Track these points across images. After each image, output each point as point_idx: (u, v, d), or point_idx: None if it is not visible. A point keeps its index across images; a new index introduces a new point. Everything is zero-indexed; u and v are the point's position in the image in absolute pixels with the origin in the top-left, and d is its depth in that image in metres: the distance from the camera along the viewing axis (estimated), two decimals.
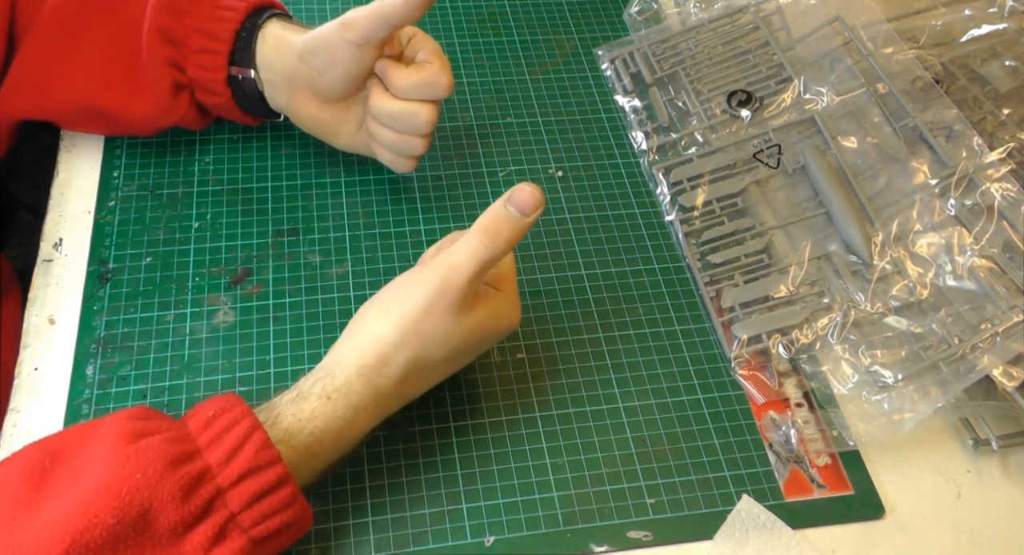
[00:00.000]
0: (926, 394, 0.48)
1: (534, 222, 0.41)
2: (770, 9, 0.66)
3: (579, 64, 0.67)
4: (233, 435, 0.37)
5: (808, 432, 0.49)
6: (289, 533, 0.38)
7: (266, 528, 0.36)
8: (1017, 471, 0.50)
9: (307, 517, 0.39)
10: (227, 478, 0.36)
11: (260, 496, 0.36)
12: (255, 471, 0.36)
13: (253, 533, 0.36)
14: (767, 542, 0.45)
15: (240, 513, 0.36)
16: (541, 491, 0.46)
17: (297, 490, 0.37)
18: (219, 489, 0.36)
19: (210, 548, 0.35)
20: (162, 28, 0.50)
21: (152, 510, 0.34)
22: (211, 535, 0.35)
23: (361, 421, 0.41)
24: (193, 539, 0.35)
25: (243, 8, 0.51)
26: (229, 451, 0.36)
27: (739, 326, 0.52)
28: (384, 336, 0.40)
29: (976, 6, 0.62)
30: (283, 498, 0.37)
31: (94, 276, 0.51)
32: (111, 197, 0.55)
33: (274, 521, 0.37)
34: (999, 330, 0.48)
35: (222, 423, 0.37)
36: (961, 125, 0.55)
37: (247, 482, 0.36)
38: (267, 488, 0.36)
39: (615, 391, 0.50)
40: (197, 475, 0.35)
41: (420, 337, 0.40)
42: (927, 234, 0.53)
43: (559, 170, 0.60)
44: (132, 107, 0.52)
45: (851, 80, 0.60)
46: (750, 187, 0.58)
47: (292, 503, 0.37)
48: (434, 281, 0.40)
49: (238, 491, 0.36)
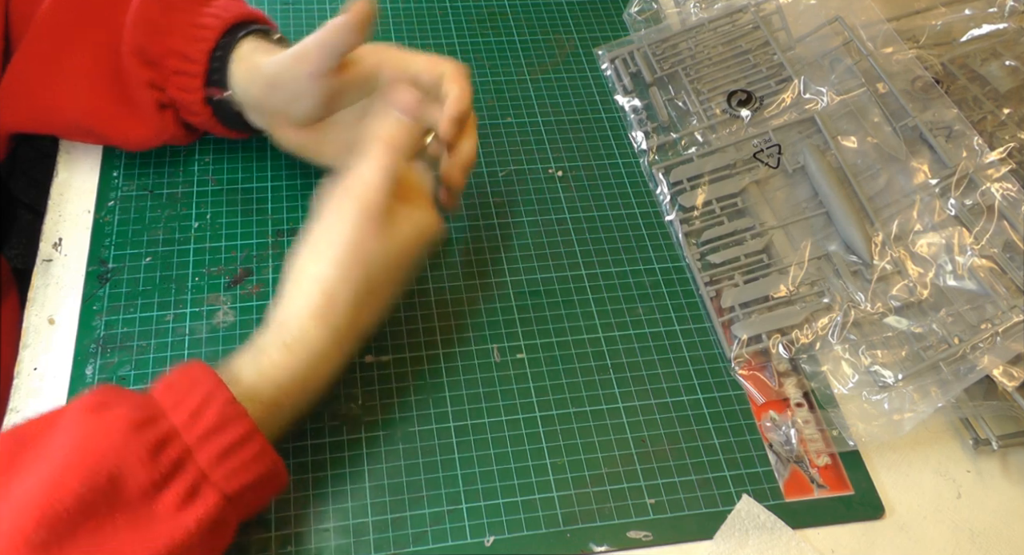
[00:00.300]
0: (926, 394, 0.48)
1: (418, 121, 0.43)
2: (770, 9, 0.66)
3: (579, 64, 0.67)
4: (197, 395, 0.37)
5: (808, 432, 0.49)
6: (264, 488, 0.38)
7: (238, 483, 0.37)
8: (1017, 471, 0.50)
9: (280, 471, 0.39)
10: (193, 436, 0.36)
11: (228, 451, 0.36)
12: (221, 427, 0.36)
13: (225, 489, 0.36)
14: (767, 542, 0.45)
15: (210, 470, 0.36)
16: (541, 491, 0.46)
17: (267, 443, 0.37)
18: (187, 448, 0.36)
19: (183, 507, 0.35)
20: (140, 49, 0.49)
21: (121, 474, 0.34)
22: (182, 493, 0.35)
23: (324, 366, 0.41)
24: (165, 499, 0.35)
25: (218, 27, 0.49)
26: (194, 410, 0.36)
27: (739, 326, 0.52)
28: (325, 274, 0.40)
29: (976, 6, 0.62)
30: (252, 452, 0.37)
31: (94, 276, 0.51)
32: (111, 197, 0.55)
33: (245, 475, 0.37)
34: (999, 330, 0.48)
35: (184, 385, 0.37)
36: (961, 125, 0.55)
37: (214, 439, 0.36)
38: (235, 443, 0.36)
39: (615, 391, 0.50)
40: (163, 436, 0.35)
41: (361, 264, 0.40)
42: (927, 234, 0.53)
43: (559, 170, 0.60)
44: (120, 127, 0.52)
45: (851, 80, 0.60)
46: (750, 187, 0.58)
47: (262, 456, 0.37)
48: (354, 206, 0.41)
49: (206, 448, 0.36)
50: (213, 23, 0.49)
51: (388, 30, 0.67)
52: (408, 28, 0.68)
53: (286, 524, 0.43)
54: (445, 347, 0.50)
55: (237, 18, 0.50)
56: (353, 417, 0.47)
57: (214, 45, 0.49)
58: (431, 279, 0.53)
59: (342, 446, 0.46)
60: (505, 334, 0.51)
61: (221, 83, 0.50)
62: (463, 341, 0.51)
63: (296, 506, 0.44)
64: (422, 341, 0.51)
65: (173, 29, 0.49)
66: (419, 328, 0.51)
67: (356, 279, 0.40)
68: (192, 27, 0.49)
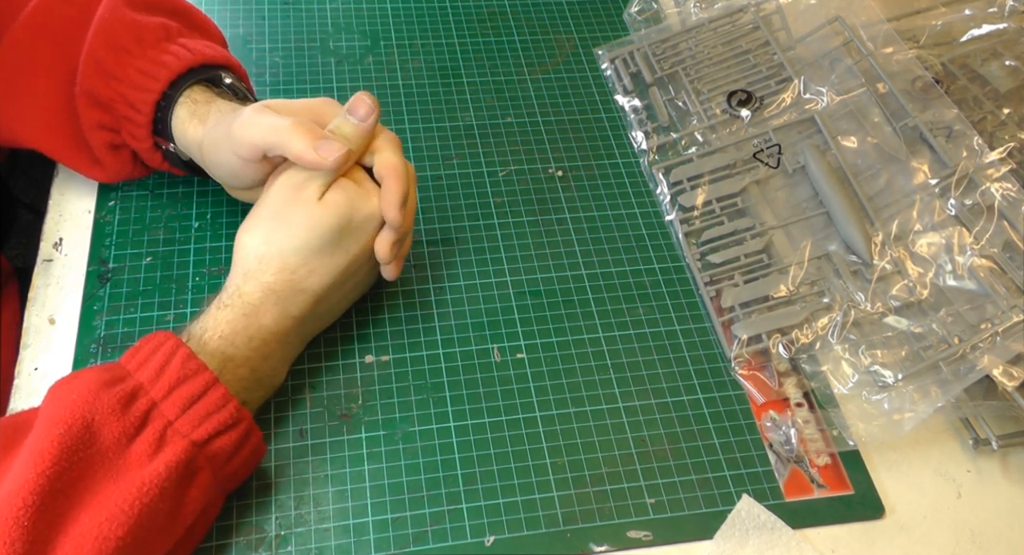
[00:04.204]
0: (926, 394, 0.48)
1: (372, 126, 0.45)
2: (770, 9, 0.66)
3: (579, 64, 0.67)
4: (159, 355, 0.40)
5: (808, 432, 0.49)
6: (231, 437, 0.40)
7: (204, 431, 0.39)
8: (1017, 471, 0.50)
9: (248, 425, 0.41)
10: (159, 391, 0.39)
11: (192, 401, 0.39)
12: (183, 380, 0.39)
13: (193, 436, 0.38)
14: (767, 542, 0.45)
15: (176, 420, 0.38)
16: (541, 491, 0.46)
17: (227, 392, 0.40)
18: (153, 401, 0.38)
19: (154, 454, 0.37)
20: (90, 91, 0.48)
21: (95, 423, 0.37)
22: (152, 442, 0.38)
23: (265, 319, 0.43)
24: (136, 448, 0.37)
25: (165, 78, 0.48)
26: (157, 369, 0.39)
27: (739, 326, 0.52)
28: (254, 241, 0.44)
29: (976, 6, 0.62)
30: (215, 400, 0.39)
31: (94, 276, 0.51)
32: (111, 197, 0.55)
33: (211, 423, 0.39)
34: (999, 330, 0.48)
35: (148, 349, 0.40)
36: (961, 125, 0.55)
37: (178, 391, 0.39)
38: (197, 393, 0.39)
39: (615, 391, 0.50)
40: (131, 392, 0.38)
41: (284, 225, 0.43)
42: (927, 234, 0.53)
43: (559, 170, 0.60)
44: (78, 164, 0.52)
45: (851, 80, 0.60)
46: (750, 187, 0.58)
47: (225, 404, 0.39)
48: (279, 178, 0.45)
49: (171, 400, 0.39)
50: (160, 73, 0.48)
51: (388, 30, 0.67)
52: (408, 28, 0.68)
53: (286, 524, 0.43)
54: (445, 347, 0.50)
55: (189, 65, 0.48)
56: (353, 417, 0.47)
57: (159, 96, 0.48)
58: (431, 279, 0.53)
59: (342, 446, 0.46)
60: (505, 334, 0.51)
61: (166, 134, 0.49)
62: (463, 341, 0.51)
63: (296, 506, 0.44)
64: (422, 341, 0.51)
65: (122, 74, 0.48)
66: (419, 328, 0.51)
67: (280, 239, 0.43)
68: (139, 75, 0.48)
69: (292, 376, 0.48)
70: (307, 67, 0.64)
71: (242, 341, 0.42)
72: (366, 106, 0.44)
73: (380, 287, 0.52)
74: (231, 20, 0.66)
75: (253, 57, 0.63)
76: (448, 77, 0.65)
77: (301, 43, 0.65)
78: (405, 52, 0.66)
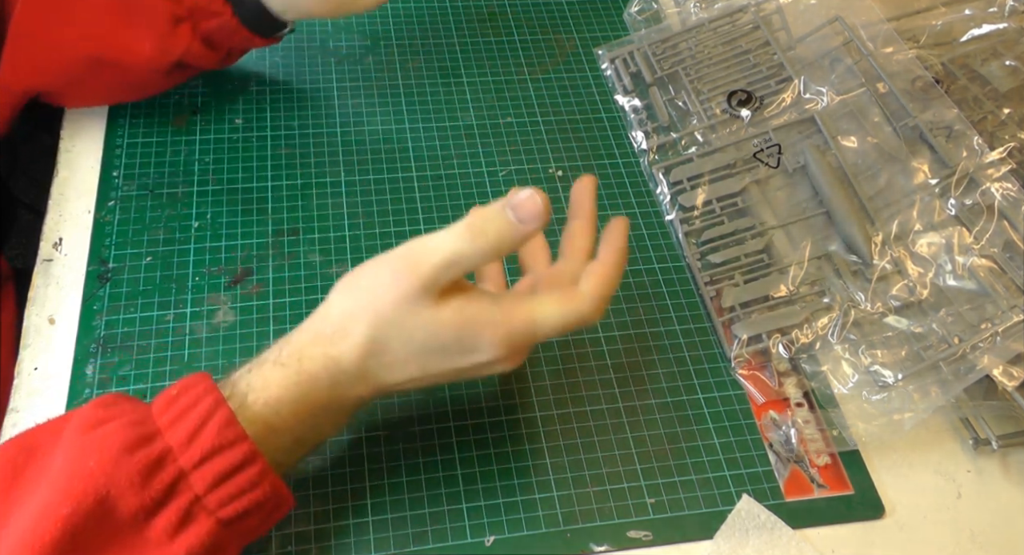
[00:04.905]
0: (926, 394, 0.48)
1: (532, 233, 0.36)
2: (770, 9, 0.66)
3: (579, 64, 0.67)
4: (196, 413, 0.35)
5: (808, 432, 0.49)
6: (262, 513, 0.36)
7: (234, 509, 0.35)
8: (1017, 471, 0.50)
9: (282, 496, 0.37)
10: (189, 459, 0.34)
11: (226, 476, 0.34)
12: (219, 450, 0.34)
13: (221, 515, 0.34)
14: (767, 542, 0.45)
15: (205, 495, 0.34)
16: (541, 491, 0.46)
17: (267, 467, 0.35)
18: (182, 471, 0.34)
19: (175, 533, 0.33)
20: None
21: (110, 497, 0.33)
22: (176, 520, 0.33)
23: (316, 392, 0.37)
24: (157, 525, 0.33)
25: None
26: (192, 431, 0.34)
27: (739, 326, 0.52)
28: (343, 307, 0.38)
29: (976, 6, 0.62)
30: (251, 477, 0.35)
31: (94, 276, 0.51)
32: (111, 197, 0.55)
33: (243, 501, 0.35)
34: (999, 330, 0.48)
35: (185, 402, 0.35)
36: (961, 125, 0.55)
37: (211, 462, 0.34)
38: (233, 467, 0.34)
39: (615, 391, 0.50)
40: (157, 458, 0.34)
41: (378, 314, 0.37)
42: (927, 234, 0.53)
43: (559, 170, 0.60)
44: (135, 48, 0.51)
45: (851, 80, 0.60)
46: (750, 187, 0.58)
47: (260, 481, 0.35)
48: (400, 260, 0.37)
49: (202, 472, 0.34)
50: None
51: (388, 30, 0.67)
52: (408, 28, 0.68)
53: (286, 524, 0.43)
54: None
55: None
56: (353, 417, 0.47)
57: None
58: None
59: (343, 446, 0.46)
60: None
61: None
62: None
63: (296, 506, 0.44)
64: None
65: None
66: None
67: (370, 324, 0.37)
68: None
69: None
70: (307, 67, 0.64)
71: (288, 412, 0.37)
72: (533, 206, 0.36)
73: None
74: None
75: (253, 57, 0.63)
76: (448, 77, 0.65)
77: (301, 43, 0.65)
78: (405, 52, 0.66)
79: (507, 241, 0.37)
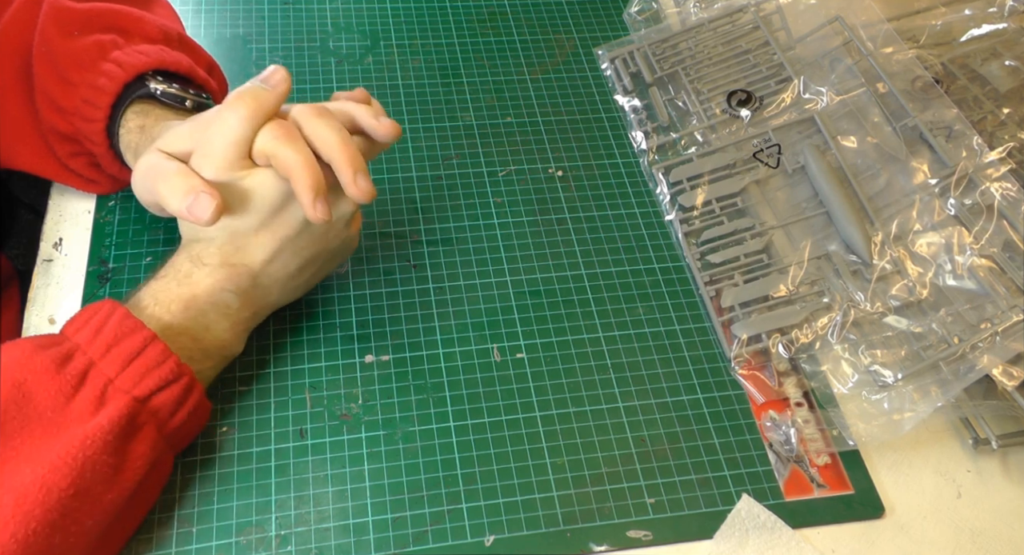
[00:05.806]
0: (926, 394, 0.48)
1: (283, 93, 0.43)
2: (770, 9, 0.66)
3: (579, 64, 0.67)
4: (97, 318, 0.40)
5: (808, 432, 0.49)
6: (173, 393, 0.40)
7: (146, 387, 0.39)
8: (1017, 471, 0.50)
9: (188, 376, 0.41)
10: (97, 351, 0.39)
11: (131, 358, 0.39)
12: (121, 338, 0.39)
13: (135, 392, 0.38)
14: (767, 542, 0.45)
15: (117, 377, 0.38)
16: (541, 491, 0.46)
17: (167, 348, 0.40)
18: (91, 361, 0.38)
19: (95, 411, 0.37)
20: (53, 127, 0.48)
21: (27, 383, 0.37)
22: (93, 399, 0.38)
23: (198, 289, 0.43)
24: (76, 406, 0.37)
25: (105, 104, 0.47)
26: (95, 330, 0.39)
27: (739, 326, 0.52)
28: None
29: (976, 6, 0.62)
30: (154, 357, 0.39)
31: (94, 276, 0.51)
32: (111, 196, 0.55)
33: (151, 378, 0.39)
34: (999, 330, 0.48)
35: (86, 315, 0.40)
36: (961, 125, 0.55)
37: (116, 349, 0.39)
38: (136, 350, 0.39)
39: (615, 391, 0.50)
40: (66, 353, 0.38)
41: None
42: (927, 234, 0.53)
43: (559, 170, 0.60)
44: (75, 184, 0.52)
45: (851, 80, 0.60)
46: (750, 187, 0.58)
47: (165, 360, 0.39)
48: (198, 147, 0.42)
49: (109, 358, 0.38)
50: (99, 99, 0.47)
51: (388, 30, 0.67)
52: (408, 28, 0.68)
53: (286, 524, 0.43)
54: (445, 347, 0.51)
55: (122, 83, 0.47)
56: (353, 417, 0.47)
57: (105, 124, 0.47)
58: (431, 278, 0.53)
59: (342, 446, 0.46)
60: (505, 334, 0.51)
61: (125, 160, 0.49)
62: (463, 341, 0.51)
63: (296, 506, 0.44)
64: (422, 341, 0.51)
65: (71, 106, 0.47)
66: (419, 328, 0.51)
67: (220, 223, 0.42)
68: (84, 104, 0.47)
69: (292, 376, 0.48)
70: (307, 67, 0.64)
71: (178, 309, 0.42)
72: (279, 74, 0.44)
73: (381, 287, 0.52)
74: (231, 20, 0.66)
75: (253, 57, 0.64)
76: (448, 77, 0.65)
77: (301, 43, 0.65)
78: (405, 52, 0.66)
79: (271, 101, 0.43)
